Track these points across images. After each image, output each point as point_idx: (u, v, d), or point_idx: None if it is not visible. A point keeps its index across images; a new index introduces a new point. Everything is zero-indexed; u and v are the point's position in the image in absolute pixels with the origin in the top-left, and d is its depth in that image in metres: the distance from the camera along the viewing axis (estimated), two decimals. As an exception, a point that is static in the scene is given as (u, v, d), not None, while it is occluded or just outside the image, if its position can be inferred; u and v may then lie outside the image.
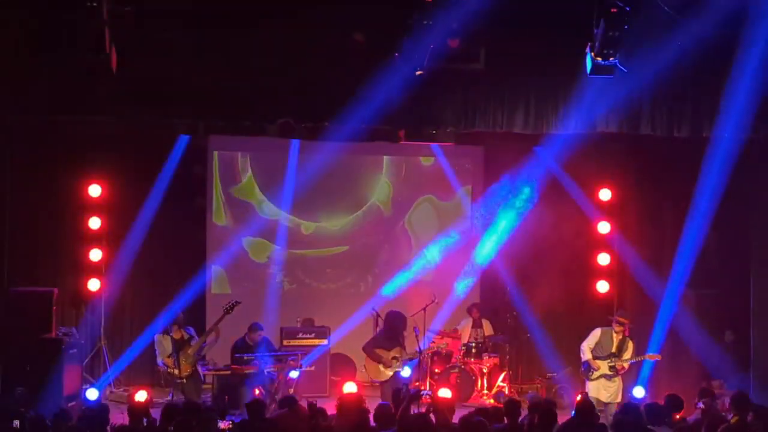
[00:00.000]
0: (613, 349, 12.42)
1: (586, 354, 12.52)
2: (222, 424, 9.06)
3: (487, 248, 15.19)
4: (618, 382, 12.50)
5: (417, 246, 15.76)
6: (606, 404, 12.31)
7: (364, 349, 13.35)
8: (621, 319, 12.53)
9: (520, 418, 9.20)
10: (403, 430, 8.49)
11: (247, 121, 12.74)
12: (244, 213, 15.52)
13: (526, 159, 14.73)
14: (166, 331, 12.94)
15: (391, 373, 13.13)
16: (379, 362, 13.13)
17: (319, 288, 15.72)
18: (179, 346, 12.77)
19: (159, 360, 13.07)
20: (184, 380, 12.72)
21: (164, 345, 12.89)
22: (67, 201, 14.41)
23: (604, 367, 12.41)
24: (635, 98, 12.30)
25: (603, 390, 12.39)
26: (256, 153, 15.41)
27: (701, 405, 10.34)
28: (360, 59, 11.82)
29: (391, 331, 13.33)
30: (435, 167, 15.78)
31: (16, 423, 8.95)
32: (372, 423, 8.94)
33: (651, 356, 12.82)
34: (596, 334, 12.57)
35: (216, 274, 15.28)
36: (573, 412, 9.71)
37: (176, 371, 12.69)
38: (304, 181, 15.20)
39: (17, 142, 13.45)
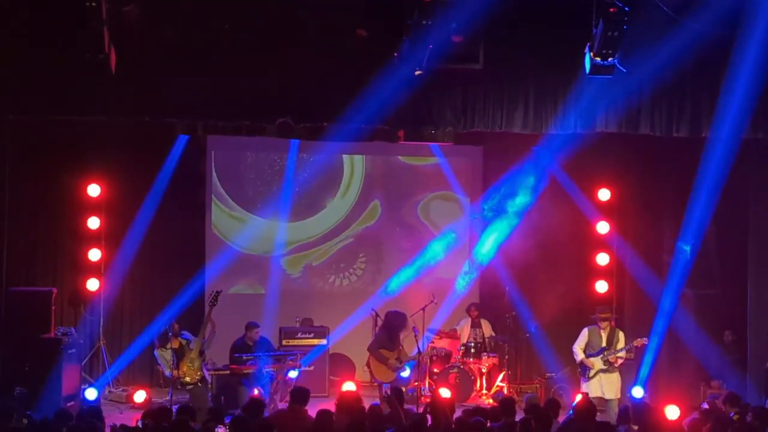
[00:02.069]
0: (604, 344, 12.51)
1: (578, 355, 12.60)
2: (219, 430, 9.02)
3: (486, 248, 15.21)
4: (617, 376, 12.54)
5: (417, 245, 15.72)
6: (607, 401, 12.35)
7: (369, 349, 13.35)
8: (602, 315, 12.65)
9: (517, 417, 9.19)
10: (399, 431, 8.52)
11: (246, 121, 12.73)
12: (242, 212, 15.52)
13: (525, 159, 14.75)
14: (163, 344, 12.87)
15: (395, 374, 13.17)
16: (385, 363, 13.13)
17: (318, 288, 15.71)
18: (181, 354, 12.70)
19: (167, 373, 12.89)
20: (198, 384, 12.70)
21: (166, 358, 12.74)
22: (66, 201, 14.40)
23: (597, 363, 12.47)
24: (634, 98, 12.28)
25: (601, 386, 12.42)
26: (254, 153, 15.41)
27: (705, 405, 10.35)
28: (360, 59, 11.82)
29: (391, 331, 13.33)
30: (434, 167, 15.76)
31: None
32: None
33: (639, 341, 12.74)
34: (584, 334, 12.67)
35: (215, 274, 15.25)
36: (571, 410, 9.74)
37: (187, 379, 12.65)
38: (301, 181, 15.28)
39: (16, 142, 13.45)
